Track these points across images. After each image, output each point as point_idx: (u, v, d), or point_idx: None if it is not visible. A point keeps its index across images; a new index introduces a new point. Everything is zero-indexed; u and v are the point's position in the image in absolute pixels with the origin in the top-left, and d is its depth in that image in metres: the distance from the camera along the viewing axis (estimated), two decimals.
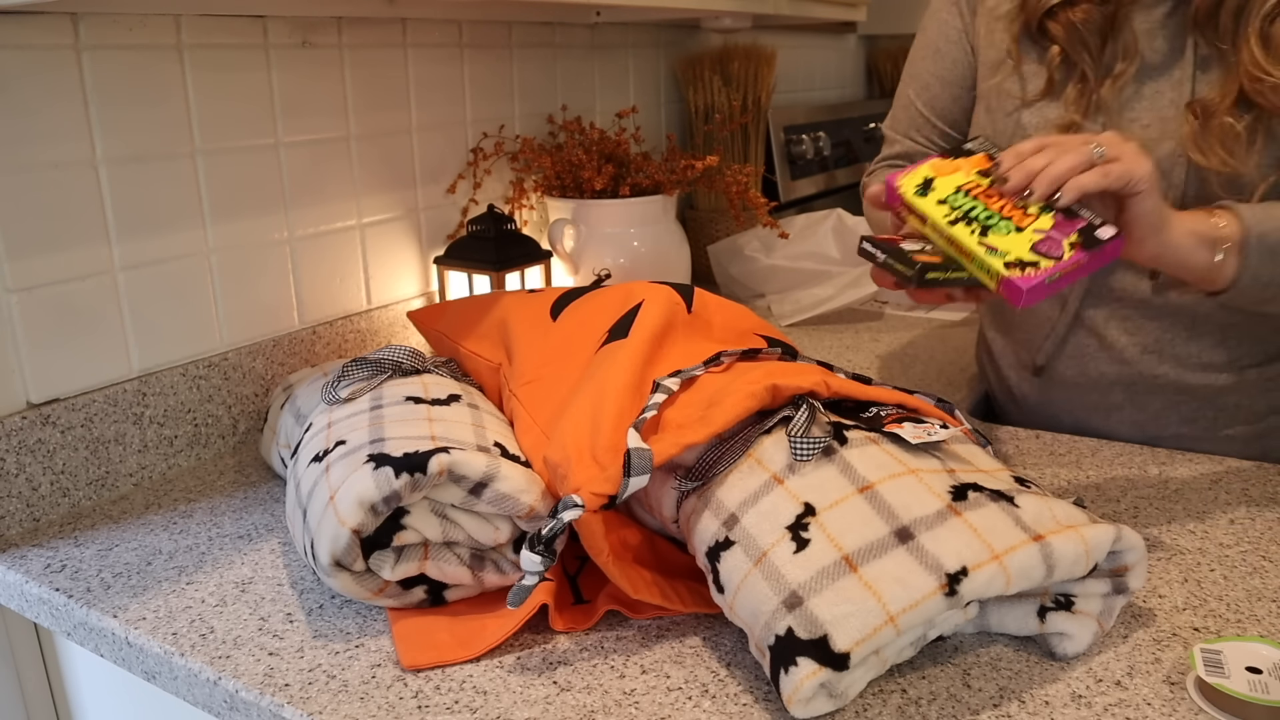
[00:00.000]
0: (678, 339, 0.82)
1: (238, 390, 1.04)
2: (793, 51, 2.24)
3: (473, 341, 0.97)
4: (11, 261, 0.85)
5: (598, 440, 0.67)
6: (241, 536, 0.84)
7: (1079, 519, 0.61)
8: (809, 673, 0.55)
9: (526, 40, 1.41)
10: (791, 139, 2.00)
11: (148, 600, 0.74)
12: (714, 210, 1.76)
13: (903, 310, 1.55)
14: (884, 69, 2.66)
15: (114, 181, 0.91)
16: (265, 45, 1.04)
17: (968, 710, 0.59)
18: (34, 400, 0.87)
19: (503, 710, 0.60)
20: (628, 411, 0.69)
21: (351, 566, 0.67)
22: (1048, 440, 0.99)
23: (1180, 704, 0.58)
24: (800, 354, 0.83)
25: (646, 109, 1.73)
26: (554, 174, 1.37)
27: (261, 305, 1.07)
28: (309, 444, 0.76)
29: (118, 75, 0.91)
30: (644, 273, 1.37)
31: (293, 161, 1.09)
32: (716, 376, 0.73)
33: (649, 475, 0.63)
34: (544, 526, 0.61)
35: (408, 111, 1.23)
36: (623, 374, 0.73)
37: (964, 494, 0.61)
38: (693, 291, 0.89)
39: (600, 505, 0.62)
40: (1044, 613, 0.63)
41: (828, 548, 0.58)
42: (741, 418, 0.67)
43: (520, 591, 0.62)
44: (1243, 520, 0.81)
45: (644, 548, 0.73)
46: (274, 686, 0.63)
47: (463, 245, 1.23)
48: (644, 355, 0.76)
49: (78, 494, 0.90)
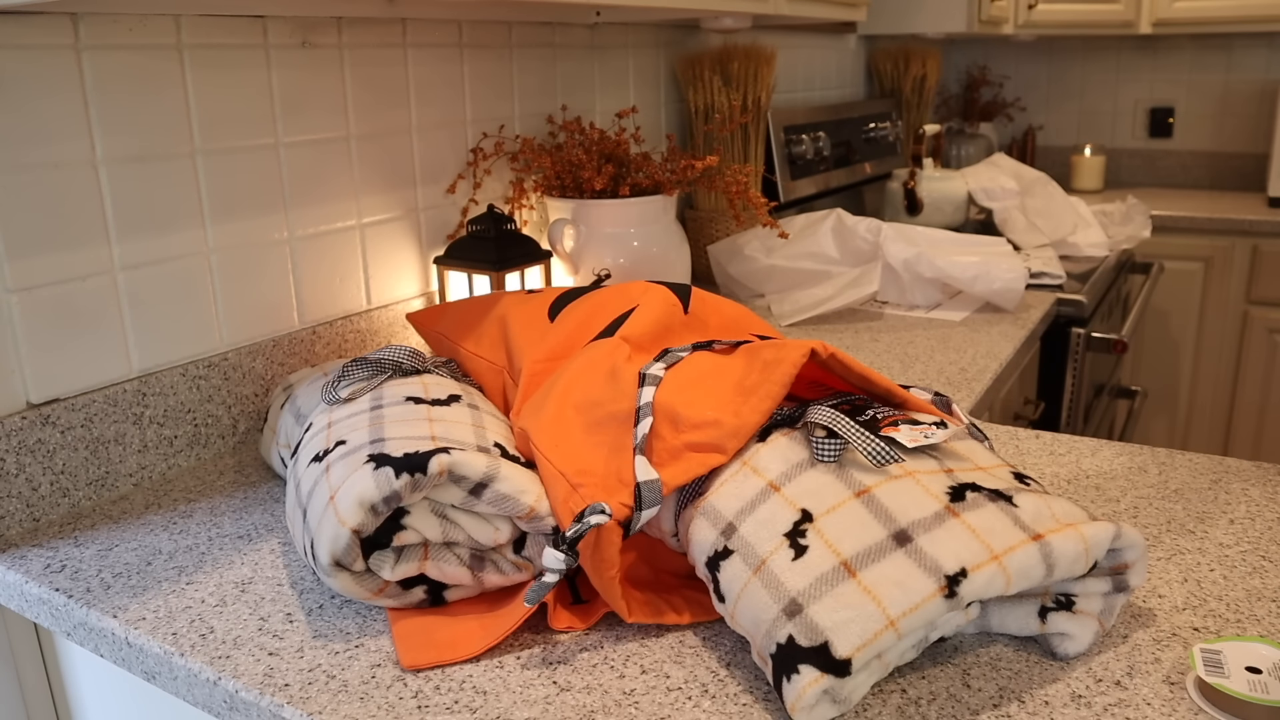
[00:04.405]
0: (674, 341, 0.82)
1: (238, 390, 1.04)
2: (793, 51, 2.24)
3: (472, 342, 0.97)
4: (11, 261, 0.85)
5: (623, 462, 0.67)
6: (241, 536, 0.84)
7: (1078, 516, 0.61)
8: (811, 680, 0.55)
9: (526, 40, 1.41)
10: (791, 139, 2.00)
11: (148, 600, 0.74)
12: (714, 210, 1.76)
13: (903, 310, 1.55)
14: (884, 69, 2.66)
15: (114, 181, 0.91)
16: (265, 45, 1.04)
17: (968, 710, 0.59)
18: (34, 400, 0.87)
19: (503, 710, 0.60)
20: (594, 399, 0.70)
21: (351, 566, 0.67)
22: (1048, 440, 0.99)
23: (1180, 704, 0.58)
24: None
25: (646, 109, 1.73)
26: (554, 174, 1.37)
27: (261, 305, 1.07)
28: (309, 444, 0.76)
29: (118, 75, 0.91)
30: (644, 273, 1.37)
31: (293, 161, 1.09)
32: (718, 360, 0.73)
33: (659, 506, 0.64)
34: (570, 529, 0.61)
35: (408, 111, 1.23)
36: (592, 363, 0.74)
37: (962, 494, 0.61)
38: (690, 291, 0.89)
39: (626, 517, 0.62)
40: (1045, 613, 0.63)
41: (826, 554, 0.58)
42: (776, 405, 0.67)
43: (539, 589, 0.62)
44: (1243, 520, 0.81)
45: (639, 564, 0.73)
46: (274, 686, 0.63)
47: (463, 245, 1.23)
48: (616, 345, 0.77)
49: (78, 494, 0.90)
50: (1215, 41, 2.91)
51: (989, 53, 3.24)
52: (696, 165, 1.37)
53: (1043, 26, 2.64)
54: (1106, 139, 3.12)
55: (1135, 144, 3.08)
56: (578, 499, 0.66)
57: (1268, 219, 2.45)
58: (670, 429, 0.68)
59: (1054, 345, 1.71)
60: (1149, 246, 2.62)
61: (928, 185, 2.17)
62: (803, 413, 0.69)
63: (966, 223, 2.23)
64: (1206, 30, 2.64)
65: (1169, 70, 2.98)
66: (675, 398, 0.70)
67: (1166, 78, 2.99)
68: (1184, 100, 2.98)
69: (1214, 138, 2.97)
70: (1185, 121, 2.99)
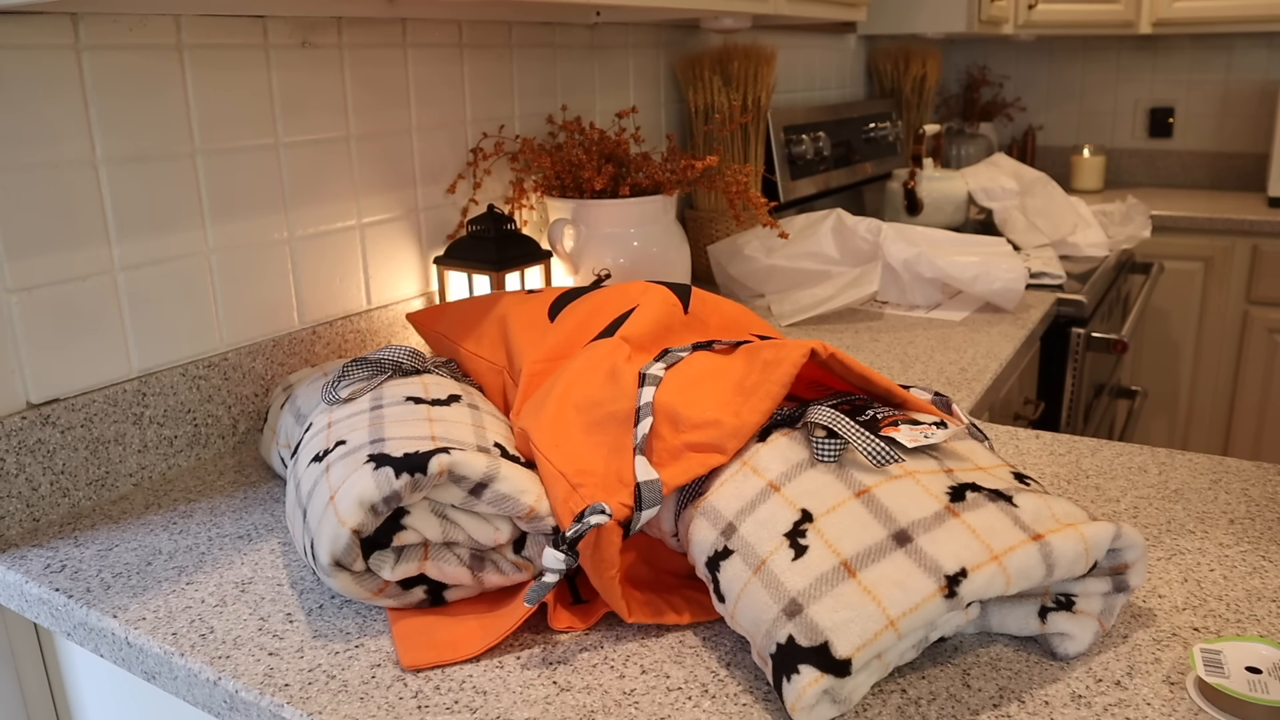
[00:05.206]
0: (674, 341, 0.82)
1: (238, 390, 1.04)
2: (793, 51, 2.24)
3: (472, 342, 0.97)
4: (11, 261, 0.85)
5: (623, 463, 0.67)
6: (241, 536, 0.84)
7: (1078, 516, 0.61)
8: (811, 680, 0.55)
9: (526, 40, 1.41)
10: (791, 139, 2.00)
11: (148, 600, 0.74)
12: (714, 210, 1.76)
13: (903, 310, 1.55)
14: (884, 69, 2.66)
15: (114, 181, 0.91)
16: (265, 45, 1.04)
17: (968, 710, 0.59)
18: (34, 400, 0.87)
19: (503, 710, 0.60)
20: (594, 399, 0.70)
21: (351, 566, 0.67)
22: (1048, 440, 0.99)
23: (1180, 704, 0.58)
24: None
25: (646, 109, 1.73)
26: (554, 174, 1.37)
27: (261, 305, 1.07)
28: (309, 444, 0.76)
29: (118, 75, 0.91)
30: (644, 273, 1.37)
31: (293, 161, 1.09)
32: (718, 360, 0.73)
33: (659, 506, 0.64)
34: (570, 529, 0.61)
35: (408, 111, 1.23)
36: (592, 363, 0.74)
37: (962, 494, 0.61)
38: (690, 291, 0.89)
39: (626, 518, 0.62)
40: (1045, 613, 0.63)
41: (826, 554, 0.58)
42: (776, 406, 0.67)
43: (540, 589, 0.62)
44: (1243, 520, 0.81)
45: (639, 564, 0.73)
46: (274, 686, 0.63)
47: (463, 245, 1.23)
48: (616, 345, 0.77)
49: (78, 494, 0.90)
50: (1215, 41, 2.91)
51: (989, 53, 3.24)
52: (696, 165, 1.37)
53: (1043, 26, 2.64)
54: (1106, 139, 3.12)
55: (1135, 144, 3.08)
56: (578, 499, 0.66)
57: (1268, 219, 2.45)
58: (670, 429, 0.68)
59: (1054, 345, 1.71)
60: (1149, 246, 2.62)
61: (928, 185, 2.17)
62: (803, 413, 0.69)
63: (966, 223, 2.23)
64: (1206, 30, 2.64)
65: (1169, 70, 2.98)
66: (675, 398, 0.70)
67: (1166, 78, 2.99)
68: (1184, 100, 2.98)
69: (1214, 138, 2.97)
70: (1185, 121, 3.00)
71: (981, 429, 0.77)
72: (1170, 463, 0.93)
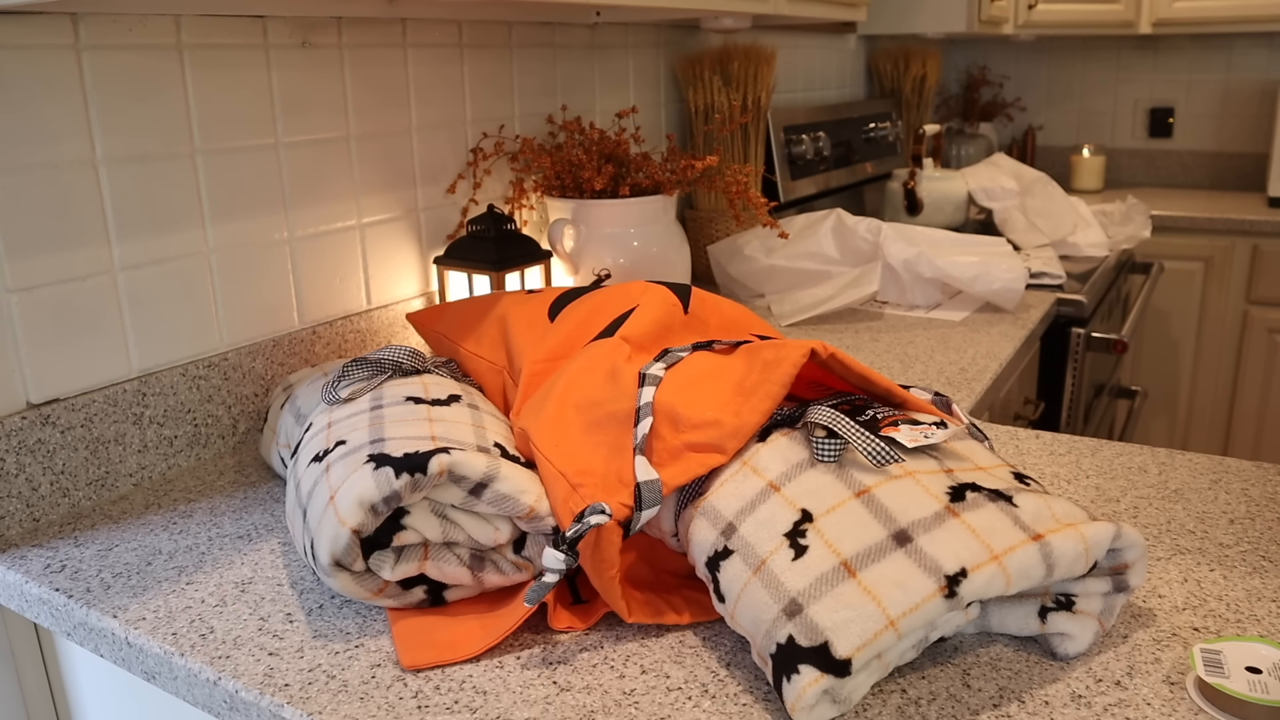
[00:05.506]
0: (674, 341, 0.82)
1: (238, 390, 1.04)
2: (793, 51, 2.24)
3: (472, 342, 0.97)
4: (11, 261, 0.85)
5: (623, 463, 0.67)
6: (241, 536, 0.84)
7: (1078, 517, 0.61)
8: (811, 680, 0.55)
9: (526, 40, 1.41)
10: (791, 139, 2.00)
11: (148, 600, 0.74)
12: (714, 210, 1.76)
13: (903, 310, 1.55)
14: (884, 69, 2.66)
15: (114, 181, 0.91)
16: (265, 45, 1.04)
17: (968, 710, 0.59)
18: (34, 400, 0.87)
19: (503, 710, 0.60)
20: (594, 399, 0.70)
21: (351, 566, 0.67)
22: (1048, 440, 0.99)
23: (1180, 704, 0.58)
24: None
25: (646, 109, 1.73)
26: (554, 174, 1.37)
27: (261, 305, 1.07)
28: (309, 444, 0.76)
29: (118, 75, 0.91)
30: (644, 273, 1.37)
31: (293, 161, 1.09)
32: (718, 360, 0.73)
33: (659, 506, 0.64)
34: (570, 529, 0.61)
35: (408, 111, 1.23)
36: (592, 363, 0.74)
37: (962, 494, 0.61)
38: (690, 291, 0.89)
39: (626, 518, 0.62)
40: (1045, 613, 0.63)
41: (826, 554, 0.58)
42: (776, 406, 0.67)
43: (539, 589, 0.62)
44: (1243, 520, 0.81)
45: (639, 564, 0.73)
46: (274, 686, 0.63)
47: (463, 245, 1.23)
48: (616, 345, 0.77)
49: (78, 494, 0.90)
50: (1215, 41, 2.91)
51: (989, 53, 3.24)
52: (696, 165, 1.37)
53: (1043, 26, 2.64)
54: (1106, 139, 3.12)
55: (1135, 144, 3.08)
56: (578, 499, 0.66)
57: (1268, 219, 2.45)
58: (670, 429, 0.68)
59: (1054, 345, 1.71)
60: (1149, 246, 2.62)
61: (928, 185, 2.17)
62: (803, 413, 0.69)
63: (966, 223, 2.23)
64: (1206, 30, 2.64)
65: (1169, 70, 2.98)
66: (675, 398, 0.70)
67: (1166, 78, 2.99)
68: (1184, 100, 2.98)
69: (1214, 138, 2.97)
70: (1185, 121, 3.00)
71: (981, 429, 0.77)
72: (1170, 463, 0.93)
